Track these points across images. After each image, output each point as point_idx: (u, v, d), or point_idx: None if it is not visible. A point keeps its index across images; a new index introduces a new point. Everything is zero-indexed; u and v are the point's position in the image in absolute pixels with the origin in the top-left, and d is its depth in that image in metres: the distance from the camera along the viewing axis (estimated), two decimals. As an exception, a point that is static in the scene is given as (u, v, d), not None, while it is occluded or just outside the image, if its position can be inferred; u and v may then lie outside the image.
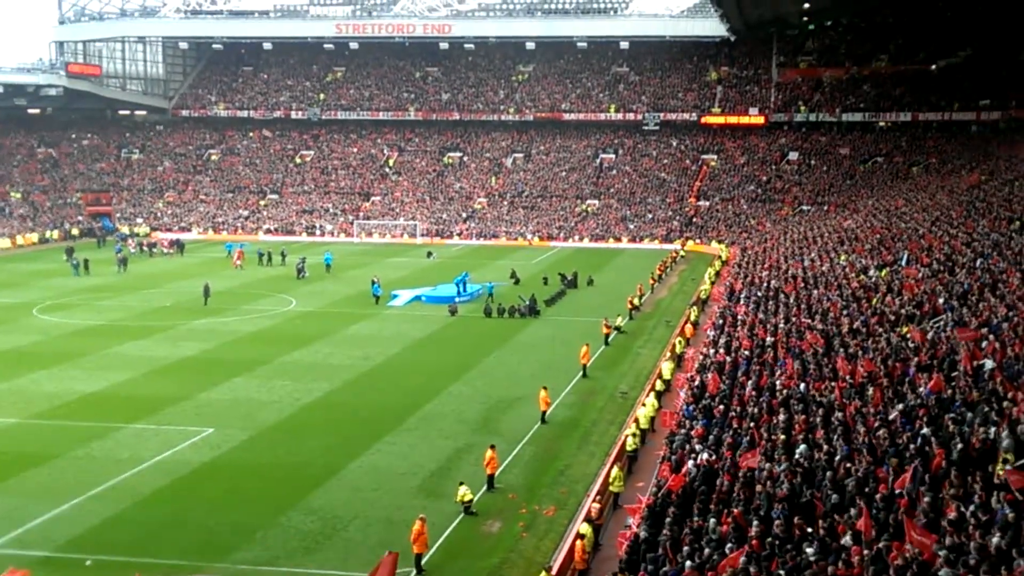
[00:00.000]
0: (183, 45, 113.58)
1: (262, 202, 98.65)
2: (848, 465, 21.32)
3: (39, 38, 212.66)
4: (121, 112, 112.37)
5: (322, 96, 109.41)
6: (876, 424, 23.48)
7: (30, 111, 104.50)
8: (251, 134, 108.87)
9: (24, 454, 31.11)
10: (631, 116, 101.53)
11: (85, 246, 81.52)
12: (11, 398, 37.33)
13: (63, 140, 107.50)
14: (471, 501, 26.48)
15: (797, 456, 22.87)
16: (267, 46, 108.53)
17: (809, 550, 17.57)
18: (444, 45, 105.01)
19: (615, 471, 27.17)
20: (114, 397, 37.65)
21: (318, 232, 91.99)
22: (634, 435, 30.00)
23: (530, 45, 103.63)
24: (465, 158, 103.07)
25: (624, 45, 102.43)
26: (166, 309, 55.90)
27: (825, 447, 22.95)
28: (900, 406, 24.29)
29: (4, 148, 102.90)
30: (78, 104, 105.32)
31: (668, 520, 20.82)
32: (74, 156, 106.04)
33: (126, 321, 52.37)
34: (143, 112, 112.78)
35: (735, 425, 26.55)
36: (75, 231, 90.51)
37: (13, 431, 33.62)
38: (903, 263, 44.29)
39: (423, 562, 23.41)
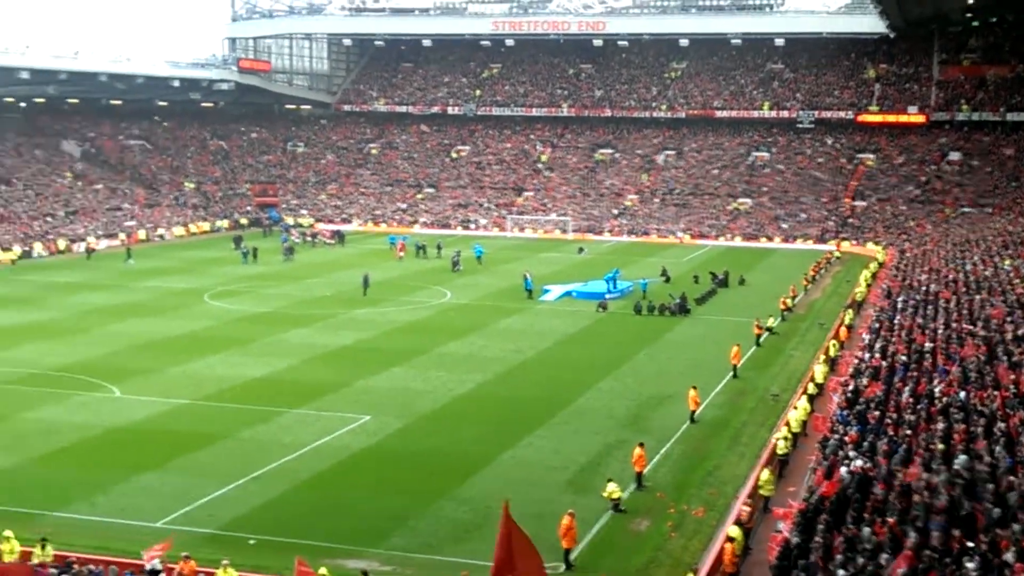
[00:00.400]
0: (347, 42, 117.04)
1: (419, 195, 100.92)
2: (1011, 478, 20.80)
3: (213, 34, 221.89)
4: (287, 106, 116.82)
5: (478, 92, 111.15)
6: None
7: (203, 105, 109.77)
8: (409, 129, 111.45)
9: (194, 434, 32.86)
10: (785, 114, 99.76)
11: (252, 236, 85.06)
12: (184, 380, 39.45)
13: (233, 133, 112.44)
14: (620, 498, 26.65)
15: (957, 466, 22.38)
16: (426, 43, 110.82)
17: (970, 565, 17.11)
18: (598, 42, 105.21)
19: (765, 474, 26.96)
20: (278, 382, 39.37)
21: (472, 226, 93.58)
22: (785, 438, 29.76)
23: (683, 42, 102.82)
24: (617, 155, 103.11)
25: (779, 42, 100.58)
26: (327, 298, 57.98)
27: (987, 458, 22.41)
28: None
29: (180, 140, 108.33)
30: (248, 98, 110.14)
31: (820, 527, 20.65)
32: (243, 148, 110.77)
33: (289, 309, 54.62)
34: (308, 107, 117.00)
35: (891, 432, 26.11)
36: (243, 221, 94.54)
37: (185, 412, 35.55)
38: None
39: (572, 557, 23.66)
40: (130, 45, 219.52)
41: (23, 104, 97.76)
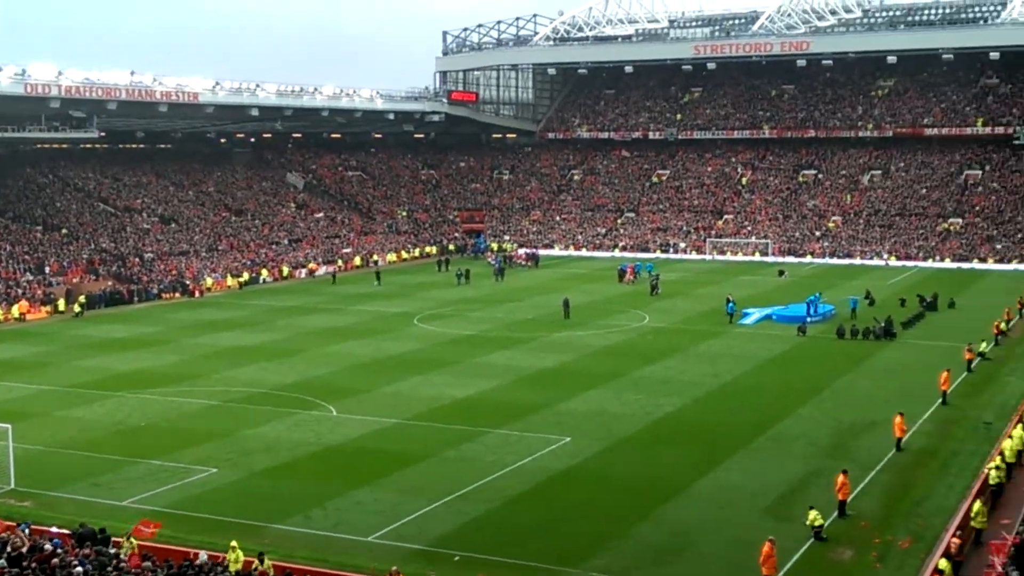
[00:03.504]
0: (551, 71, 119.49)
1: (619, 220, 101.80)
2: None
3: (424, 67, 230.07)
4: (494, 135, 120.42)
5: (679, 116, 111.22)
6: None
7: (416, 136, 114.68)
8: (611, 154, 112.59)
9: (403, 453, 34.41)
10: (1000, 130, 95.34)
11: (459, 261, 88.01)
12: (393, 400, 41.40)
13: (443, 162, 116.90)
14: (822, 526, 26.30)
15: None
16: (628, 69, 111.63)
17: None
18: (801, 62, 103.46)
19: (977, 505, 26.04)
20: (482, 403, 40.82)
21: (671, 250, 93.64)
22: (998, 468, 28.71)
23: (891, 59, 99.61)
24: (820, 175, 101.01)
25: (994, 55, 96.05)
26: (529, 321, 59.51)
27: None
28: None
29: (393, 170, 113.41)
30: (456, 129, 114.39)
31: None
32: (452, 177, 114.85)
33: (493, 332, 56.40)
34: (513, 135, 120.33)
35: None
36: (451, 247, 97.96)
37: (394, 431, 37.28)
38: None
39: (773, 584, 23.57)
40: (348, 80, 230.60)
41: (252, 139, 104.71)
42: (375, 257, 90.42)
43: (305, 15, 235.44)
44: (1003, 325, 52.38)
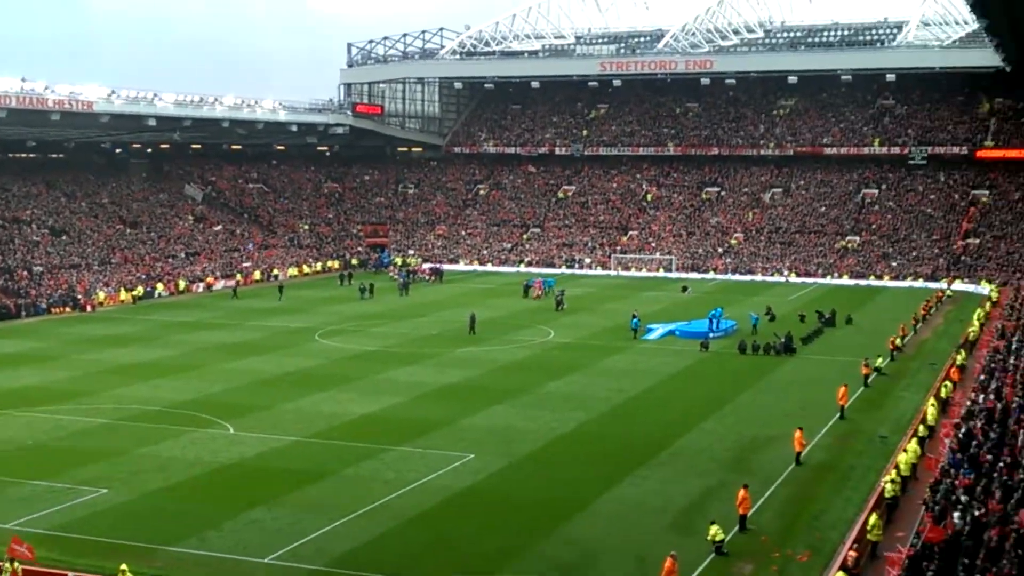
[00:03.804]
0: (458, 85, 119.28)
1: (524, 235, 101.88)
2: None
3: (328, 79, 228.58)
4: (399, 149, 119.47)
5: (585, 132, 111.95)
6: None
7: (319, 148, 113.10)
8: (517, 169, 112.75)
9: (303, 471, 33.58)
10: (896, 150, 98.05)
11: (362, 275, 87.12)
12: (293, 417, 40.49)
13: (347, 175, 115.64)
14: (723, 541, 26.44)
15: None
16: (535, 84, 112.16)
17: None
18: (705, 81, 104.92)
19: (873, 518, 26.42)
20: (384, 420, 40.13)
21: (577, 265, 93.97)
22: (894, 481, 29.16)
23: (792, 79, 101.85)
24: (723, 193, 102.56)
25: (891, 77, 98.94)
26: (434, 337, 58.91)
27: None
28: None
29: (296, 182, 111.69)
30: (361, 142, 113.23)
31: (930, 574, 20.26)
32: (356, 190, 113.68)
33: (396, 347, 55.70)
34: (419, 149, 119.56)
35: (1005, 477, 25.46)
36: (354, 261, 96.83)
37: (294, 449, 36.40)
38: None
39: (674, 599, 23.53)
40: (250, 91, 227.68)
41: (149, 150, 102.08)
42: (276, 271, 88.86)
43: (208, 26, 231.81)
44: (898, 341, 53.49)
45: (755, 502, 29.40)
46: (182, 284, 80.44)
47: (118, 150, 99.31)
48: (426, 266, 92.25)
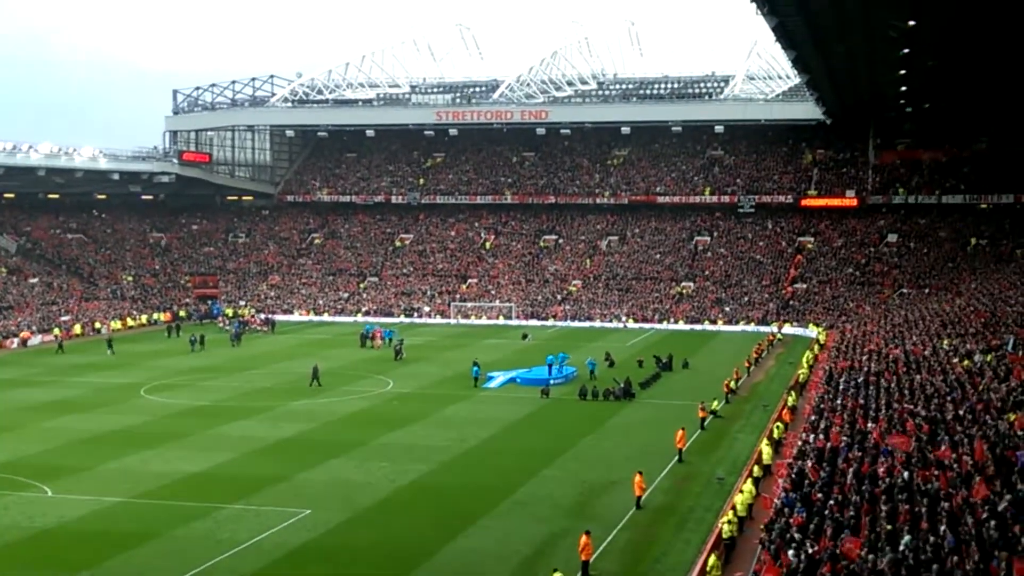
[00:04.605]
0: (290, 133, 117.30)
1: (361, 284, 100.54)
2: (955, 558, 20.64)
3: (152, 126, 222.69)
4: (229, 198, 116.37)
5: (422, 181, 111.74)
6: (984, 515, 22.73)
7: (144, 197, 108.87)
8: (353, 218, 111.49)
9: (129, 533, 31.77)
10: (726, 199, 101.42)
11: (191, 327, 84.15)
12: (119, 477, 38.31)
13: (174, 225, 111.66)
14: (566, 588, 26.17)
15: (902, 547, 22.22)
16: (370, 133, 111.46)
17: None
18: (541, 131, 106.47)
19: (712, 559, 26.71)
20: (215, 477, 38.41)
21: (415, 314, 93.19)
22: (730, 522, 29.46)
23: (625, 129, 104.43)
24: (560, 241, 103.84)
25: (719, 129, 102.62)
26: (267, 390, 57.04)
27: (932, 539, 22.26)
28: (1009, 496, 23.51)
29: (118, 233, 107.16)
30: (189, 190, 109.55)
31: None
32: (184, 240, 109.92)
33: (229, 402, 53.64)
34: (250, 197, 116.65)
35: (836, 514, 25.93)
36: (182, 313, 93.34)
37: (118, 510, 34.39)
38: (1009, 348, 43.03)
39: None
40: (69, 137, 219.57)
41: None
42: (98, 324, 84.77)
43: (28, 70, 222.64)
44: (733, 384, 54.66)
45: (597, 547, 29.21)
46: (-6, 339, 75.83)
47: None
48: (259, 316, 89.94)
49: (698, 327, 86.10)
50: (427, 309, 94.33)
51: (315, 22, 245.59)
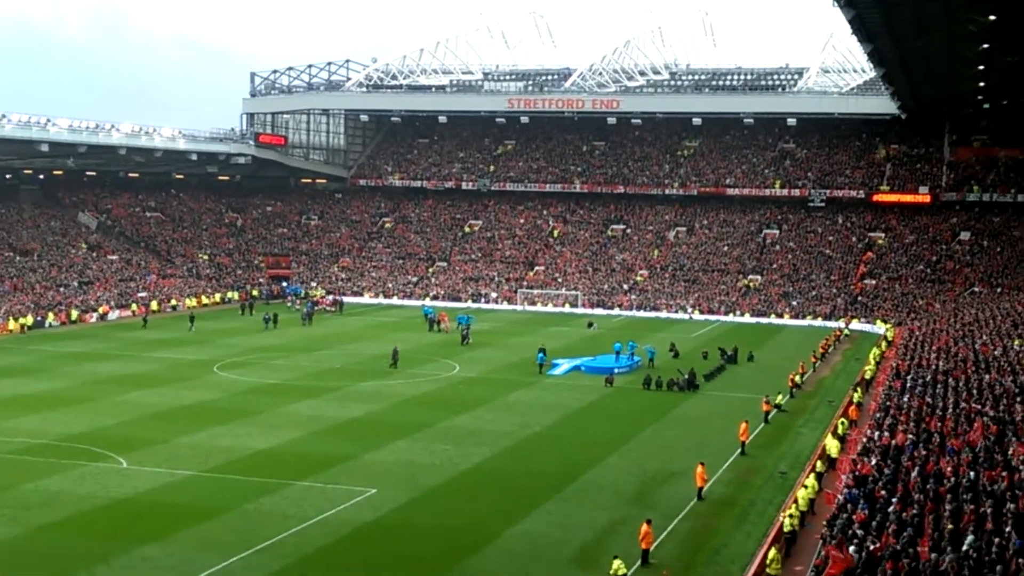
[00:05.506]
0: (364, 117, 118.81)
1: (430, 269, 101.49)
2: (1021, 560, 20.56)
3: (230, 108, 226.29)
4: (303, 180, 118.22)
5: (492, 168, 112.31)
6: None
7: (220, 178, 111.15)
8: (423, 203, 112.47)
9: (197, 506, 32.65)
10: (796, 192, 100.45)
11: (264, 306, 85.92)
12: (190, 451, 39.35)
13: (249, 206, 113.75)
14: (625, 575, 26.36)
15: (965, 547, 22.16)
16: (442, 119, 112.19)
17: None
18: (612, 120, 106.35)
19: (772, 552, 26.78)
20: (284, 454, 39.25)
21: (483, 299, 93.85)
22: (792, 516, 29.48)
23: (696, 121, 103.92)
24: (628, 230, 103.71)
25: (791, 121, 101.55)
26: (337, 370, 58.03)
27: (996, 540, 22.17)
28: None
29: (195, 212, 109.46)
30: (264, 172, 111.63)
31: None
32: (258, 221, 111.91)
33: (299, 380, 54.69)
34: (323, 180, 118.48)
35: (899, 511, 25.89)
36: (255, 292, 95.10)
37: (189, 483, 35.35)
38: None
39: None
40: (149, 118, 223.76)
41: (42, 176, 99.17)
42: (173, 301, 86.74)
43: (109, 51, 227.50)
44: (798, 378, 54.39)
45: (657, 536, 29.42)
46: (74, 314, 77.97)
47: (8, 175, 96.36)
48: (328, 297, 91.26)
49: (764, 320, 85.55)
50: (494, 295, 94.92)
51: (391, 7, 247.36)
